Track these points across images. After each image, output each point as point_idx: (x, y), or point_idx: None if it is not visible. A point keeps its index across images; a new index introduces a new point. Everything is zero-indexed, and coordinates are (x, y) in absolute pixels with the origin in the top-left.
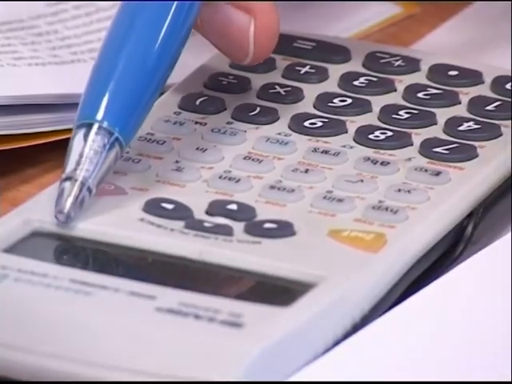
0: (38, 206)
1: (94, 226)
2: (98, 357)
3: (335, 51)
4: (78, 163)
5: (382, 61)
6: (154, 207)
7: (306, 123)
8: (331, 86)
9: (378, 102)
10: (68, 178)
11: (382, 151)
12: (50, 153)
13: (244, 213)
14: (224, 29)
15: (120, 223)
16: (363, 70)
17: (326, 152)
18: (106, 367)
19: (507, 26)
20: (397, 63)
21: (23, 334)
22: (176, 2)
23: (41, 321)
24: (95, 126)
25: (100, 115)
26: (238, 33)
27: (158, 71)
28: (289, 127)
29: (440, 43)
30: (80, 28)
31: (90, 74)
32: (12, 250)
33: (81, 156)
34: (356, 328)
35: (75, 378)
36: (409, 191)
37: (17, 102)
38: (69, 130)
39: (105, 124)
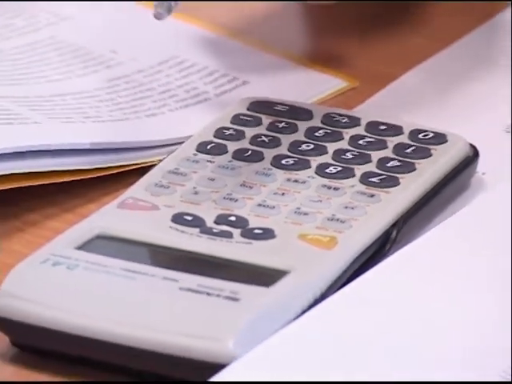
0: (100, 218)
1: (137, 231)
2: (139, 320)
3: (302, 112)
4: None
5: (334, 119)
6: (178, 218)
7: (283, 161)
8: (300, 136)
9: (331, 147)
10: None
11: (334, 181)
12: (105, 182)
13: (240, 223)
14: None
15: (155, 229)
16: (321, 125)
17: (296, 181)
18: (144, 328)
19: (423, 96)
20: (344, 120)
21: (88, 305)
22: None
23: (101, 296)
24: None
25: None
26: None
27: None
28: (271, 164)
29: (374, 106)
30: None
31: None
32: (82, 247)
33: None
34: (316, 301)
35: (123, 337)
36: (352, 208)
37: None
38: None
39: None
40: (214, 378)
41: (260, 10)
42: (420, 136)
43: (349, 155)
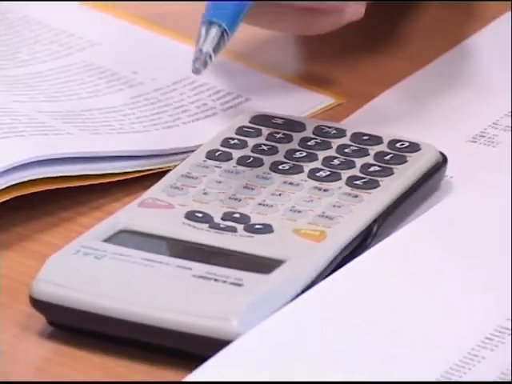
0: (123, 215)
1: (155, 227)
2: (158, 302)
3: (296, 125)
4: (203, 41)
5: (324, 130)
6: (190, 215)
7: (280, 167)
8: (294, 145)
9: (321, 154)
10: (200, 50)
11: (323, 183)
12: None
13: (243, 219)
14: None
15: (171, 225)
16: (313, 136)
17: (291, 184)
18: (162, 309)
19: (400, 111)
20: (332, 132)
21: (113, 290)
22: None
23: (124, 282)
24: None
25: (216, 14)
26: None
27: None
28: (269, 169)
29: (358, 120)
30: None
31: None
32: (108, 240)
33: (203, 39)
34: (308, 287)
35: (144, 317)
36: (339, 206)
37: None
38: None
39: (217, 20)
40: (221, 353)
41: (259, 36)
42: (397, 145)
43: (336, 161)
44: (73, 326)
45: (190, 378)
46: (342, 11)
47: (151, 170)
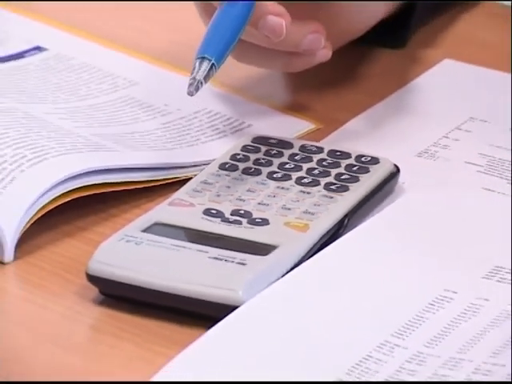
0: (156, 212)
1: (181, 220)
2: (183, 277)
3: (286, 144)
4: (196, 72)
5: (307, 148)
6: (207, 212)
7: (274, 175)
8: (285, 159)
9: (305, 166)
10: (193, 78)
11: (307, 188)
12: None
13: (247, 215)
14: None
15: (192, 219)
16: (298, 152)
17: (282, 188)
18: (186, 282)
19: (365, 133)
20: (313, 149)
21: (149, 267)
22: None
23: (157, 262)
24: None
25: (207, 51)
26: None
27: (235, 35)
28: (266, 177)
29: (333, 140)
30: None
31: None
32: (145, 230)
33: (197, 70)
34: (295, 266)
35: (172, 288)
36: (319, 205)
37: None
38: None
39: (208, 56)
40: (230, 315)
41: (253, 73)
42: (362, 159)
43: (316, 171)
44: (118, 295)
45: (207, 334)
46: (314, 54)
47: (177, 177)
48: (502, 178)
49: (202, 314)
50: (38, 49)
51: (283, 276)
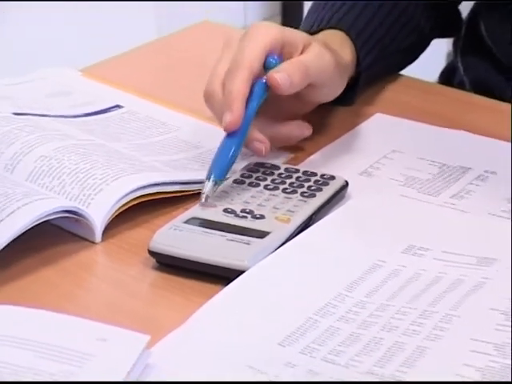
0: (192, 211)
1: (208, 215)
2: (210, 252)
3: (274, 167)
4: (205, 188)
5: (288, 170)
6: (225, 210)
7: (267, 187)
8: (275, 176)
9: (288, 181)
10: (203, 192)
11: (289, 195)
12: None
13: (251, 212)
14: None
15: (215, 215)
16: (284, 172)
17: (273, 195)
18: (212, 255)
19: (324, 161)
20: (292, 170)
21: (187, 245)
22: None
23: (192, 242)
24: (211, 179)
25: (212, 174)
26: None
27: (233, 159)
28: (263, 188)
29: (305, 165)
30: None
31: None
32: (186, 222)
33: (205, 187)
34: (280, 245)
35: (204, 259)
36: (296, 206)
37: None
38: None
39: (213, 177)
40: (240, 277)
41: None
42: (324, 176)
43: (295, 185)
44: (168, 264)
45: (225, 288)
46: (303, 134)
47: (200, 191)
48: (413, 188)
49: (221, 276)
50: (117, 106)
51: (274, 251)
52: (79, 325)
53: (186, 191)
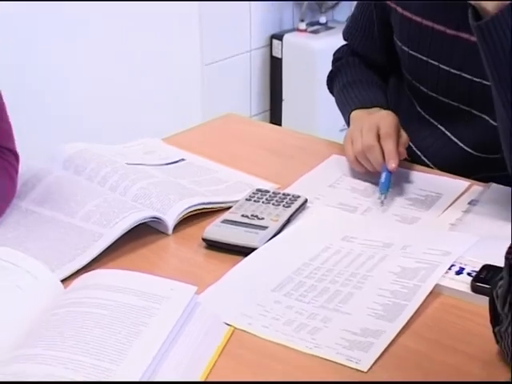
0: (224, 216)
1: (233, 218)
2: (235, 238)
3: (267, 191)
4: (382, 198)
5: (275, 193)
6: (242, 215)
7: (264, 202)
8: (268, 197)
9: (275, 199)
10: (380, 201)
11: (276, 207)
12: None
13: (257, 216)
14: None
15: (237, 218)
16: (272, 195)
17: (267, 207)
18: (238, 238)
19: (300, 188)
20: (277, 192)
21: (224, 234)
22: None
23: (226, 232)
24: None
25: (382, 190)
26: None
27: None
28: (261, 203)
29: (285, 190)
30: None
31: None
32: (222, 222)
33: (381, 197)
34: (275, 235)
35: (232, 241)
36: (280, 212)
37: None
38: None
39: (382, 191)
40: (254, 252)
41: (257, 169)
42: (294, 195)
43: (279, 200)
44: (213, 245)
45: (245, 259)
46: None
47: (228, 205)
48: (367, 197)
49: (242, 252)
50: (182, 159)
51: (271, 238)
52: (158, 280)
53: (221, 207)
